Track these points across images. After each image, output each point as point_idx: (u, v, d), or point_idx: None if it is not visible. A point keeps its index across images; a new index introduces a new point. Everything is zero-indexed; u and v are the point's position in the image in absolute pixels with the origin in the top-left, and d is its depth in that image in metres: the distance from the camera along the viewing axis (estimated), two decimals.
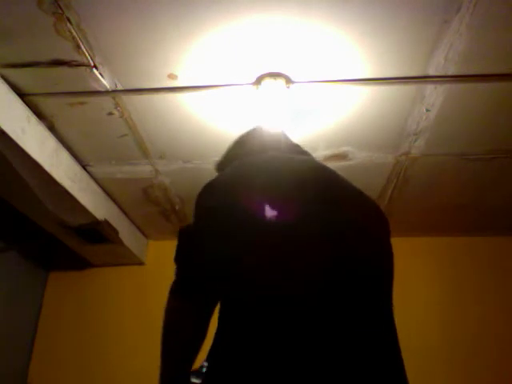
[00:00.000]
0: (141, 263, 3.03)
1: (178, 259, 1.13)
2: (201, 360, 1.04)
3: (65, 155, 2.17)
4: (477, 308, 2.80)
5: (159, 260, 3.04)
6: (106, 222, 2.51)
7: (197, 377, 1.04)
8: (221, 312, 1.05)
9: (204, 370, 1.02)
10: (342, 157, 2.24)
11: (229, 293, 1.03)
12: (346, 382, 0.90)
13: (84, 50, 1.64)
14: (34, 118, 1.92)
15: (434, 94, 1.83)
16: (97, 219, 2.44)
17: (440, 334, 2.74)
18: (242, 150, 1.41)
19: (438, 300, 2.83)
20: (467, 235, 2.94)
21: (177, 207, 2.71)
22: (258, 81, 1.77)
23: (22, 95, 1.85)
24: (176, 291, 1.09)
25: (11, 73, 1.75)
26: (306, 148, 2.17)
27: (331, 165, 2.26)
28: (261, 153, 1.29)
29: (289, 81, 1.77)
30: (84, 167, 2.35)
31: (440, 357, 2.68)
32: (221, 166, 1.44)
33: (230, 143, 1.49)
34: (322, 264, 0.99)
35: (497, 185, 2.44)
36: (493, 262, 2.91)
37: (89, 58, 1.67)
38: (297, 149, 1.43)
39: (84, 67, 1.71)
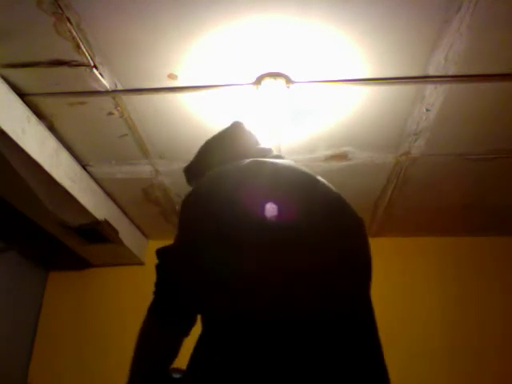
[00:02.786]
0: (141, 263, 3.03)
1: (162, 283, 1.08)
2: None
3: (65, 155, 2.17)
4: (479, 308, 2.79)
5: None
6: (106, 222, 2.51)
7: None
8: (212, 325, 1.02)
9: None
10: (342, 157, 2.24)
11: (224, 305, 0.99)
12: None
13: (84, 49, 1.64)
14: (33, 118, 1.92)
15: (434, 94, 1.82)
16: (97, 219, 2.44)
17: (442, 334, 2.74)
18: (221, 155, 1.29)
19: (440, 300, 2.83)
20: (469, 235, 2.94)
21: (177, 207, 2.71)
22: (258, 81, 1.77)
23: (21, 95, 1.85)
24: (155, 312, 1.08)
25: (11, 73, 1.75)
26: (307, 148, 2.20)
27: (331, 165, 2.29)
28: (244, 158, 1.21)
29: (289, 81, 1.77)
30: (84, 167, 2.35)
31: (442, 357, 2.68)
32: (195, 171, 1.34)
33: (200, 148, 1.38)
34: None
35: (499, 185, 2.43)
36: (495, 263, 2.90)
37: (89, 57, 1.67)
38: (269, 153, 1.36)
39: (84, 67, 1.71)
